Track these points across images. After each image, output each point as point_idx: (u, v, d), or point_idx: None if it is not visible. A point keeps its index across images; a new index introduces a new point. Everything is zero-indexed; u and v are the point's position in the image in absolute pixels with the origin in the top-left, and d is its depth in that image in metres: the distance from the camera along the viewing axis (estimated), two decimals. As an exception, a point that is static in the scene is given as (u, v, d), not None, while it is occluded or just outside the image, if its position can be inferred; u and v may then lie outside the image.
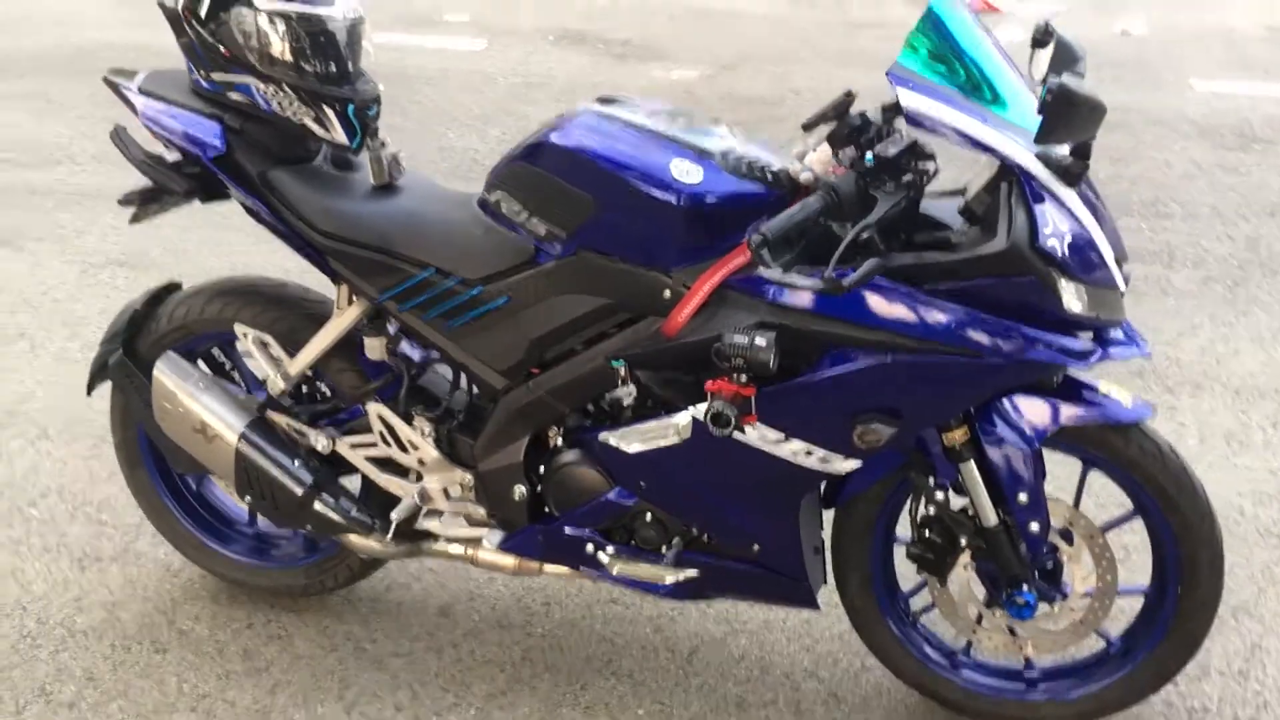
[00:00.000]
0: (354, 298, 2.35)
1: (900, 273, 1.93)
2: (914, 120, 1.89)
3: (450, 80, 6.65)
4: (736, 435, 2.05)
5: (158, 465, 2.67)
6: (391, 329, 2.38)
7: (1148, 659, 2.21)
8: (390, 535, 2.38)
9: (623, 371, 2.14)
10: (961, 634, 2.31)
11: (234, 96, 2.27)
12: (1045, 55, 2.16)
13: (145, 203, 2.40)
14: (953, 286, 1.92)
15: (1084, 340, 1.95)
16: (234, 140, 2.29)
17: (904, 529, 2.26)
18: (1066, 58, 2.17)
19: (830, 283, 1.78)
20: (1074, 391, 2.07)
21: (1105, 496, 2.17)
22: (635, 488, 2.23)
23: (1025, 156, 1.88)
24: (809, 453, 2.06)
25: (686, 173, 2.04)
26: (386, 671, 2.54)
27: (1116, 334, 2.03)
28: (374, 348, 2.35)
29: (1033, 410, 2.04)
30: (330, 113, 2.27)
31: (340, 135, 2.29)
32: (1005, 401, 2.05)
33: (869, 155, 1.91)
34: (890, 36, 7.05)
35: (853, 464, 2.07)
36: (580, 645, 2.60)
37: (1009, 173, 1.90)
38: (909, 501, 2.22)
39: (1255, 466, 3.10)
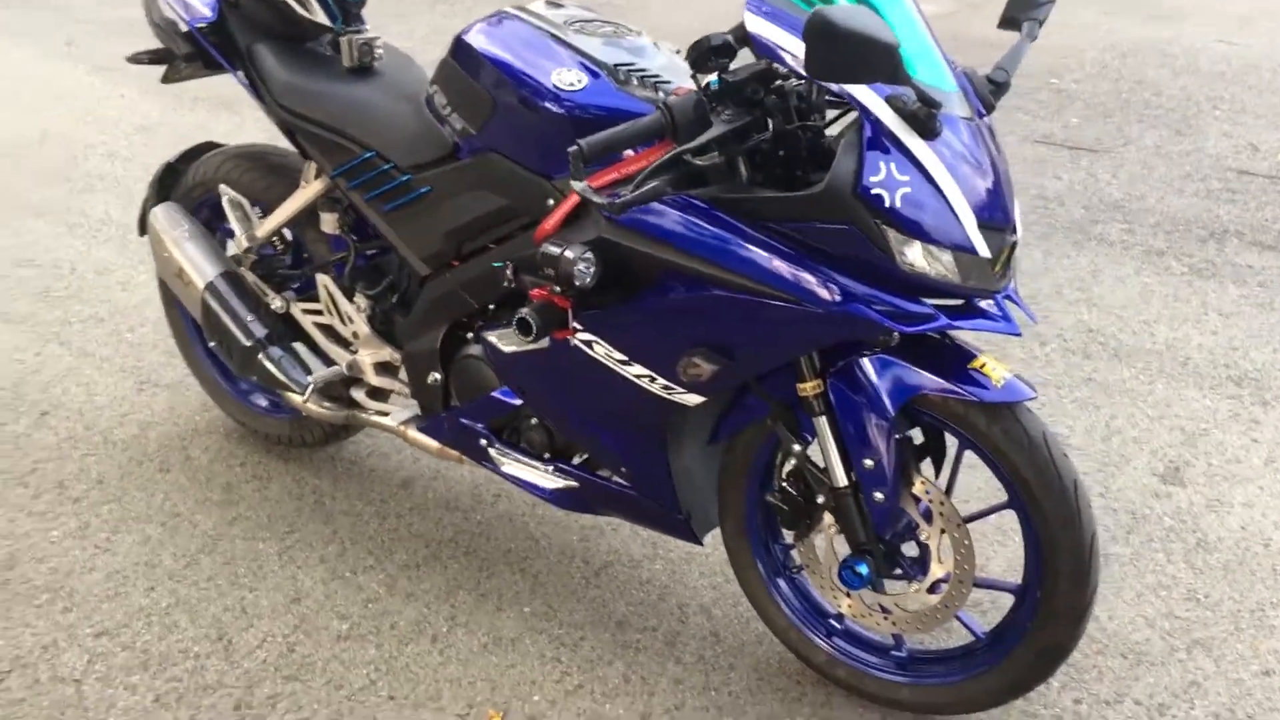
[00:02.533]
0: (319, 173, 2.50)
1: (739, 206, 1.85)
2: (761, 47, 1.79)
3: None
4: (589, 352, 2.06)
5: (188, 306, 2.96)
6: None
7: (1005, 663, 2.05)
8: (308, 396, 2.55)
9: (509, 273, 2.17)
10: (827, 597, 2.21)
11: (230, -28, 2.45)
12: None
13: (156, 63, 2.64)
14: (787, 228, 1.82)
15: (924, 304, 1.80)
16: (229, 12, 2.48)
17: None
18: None
19: (611, 201, 1.73)
20: (941, 361, 1.92)
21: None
22: (516, 389, 2.27)
23: (872, 99, 1.75)
24: (651, 379, 2.03)
25: (569, 82, 2.03)
26: (330, 526, 2.74)
27: (987, 304, 1.87)
28: (328, 222, 2.51)
29: (886, 373, 1.92)
30: (310, -6, 2.41)
31: (321, 16, 2.43)
32: (860, 359, 1.94)
33: (714, 79, 1.84)
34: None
35: (694, 398, 2.02)
36: (506, 538, 2.69)
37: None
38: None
39: (1314, 499, 2.73)
